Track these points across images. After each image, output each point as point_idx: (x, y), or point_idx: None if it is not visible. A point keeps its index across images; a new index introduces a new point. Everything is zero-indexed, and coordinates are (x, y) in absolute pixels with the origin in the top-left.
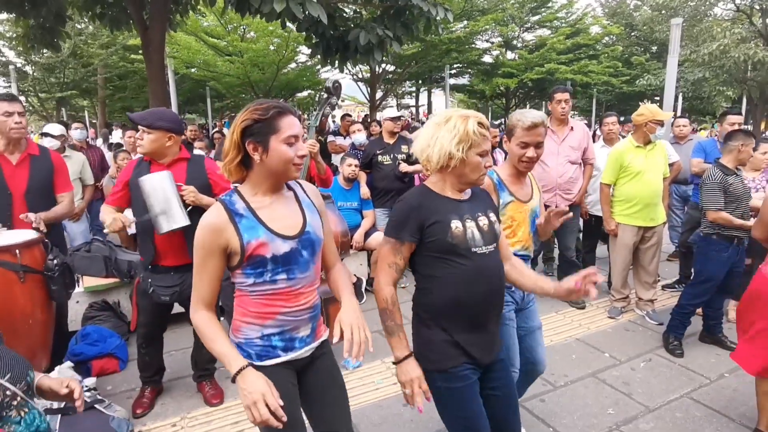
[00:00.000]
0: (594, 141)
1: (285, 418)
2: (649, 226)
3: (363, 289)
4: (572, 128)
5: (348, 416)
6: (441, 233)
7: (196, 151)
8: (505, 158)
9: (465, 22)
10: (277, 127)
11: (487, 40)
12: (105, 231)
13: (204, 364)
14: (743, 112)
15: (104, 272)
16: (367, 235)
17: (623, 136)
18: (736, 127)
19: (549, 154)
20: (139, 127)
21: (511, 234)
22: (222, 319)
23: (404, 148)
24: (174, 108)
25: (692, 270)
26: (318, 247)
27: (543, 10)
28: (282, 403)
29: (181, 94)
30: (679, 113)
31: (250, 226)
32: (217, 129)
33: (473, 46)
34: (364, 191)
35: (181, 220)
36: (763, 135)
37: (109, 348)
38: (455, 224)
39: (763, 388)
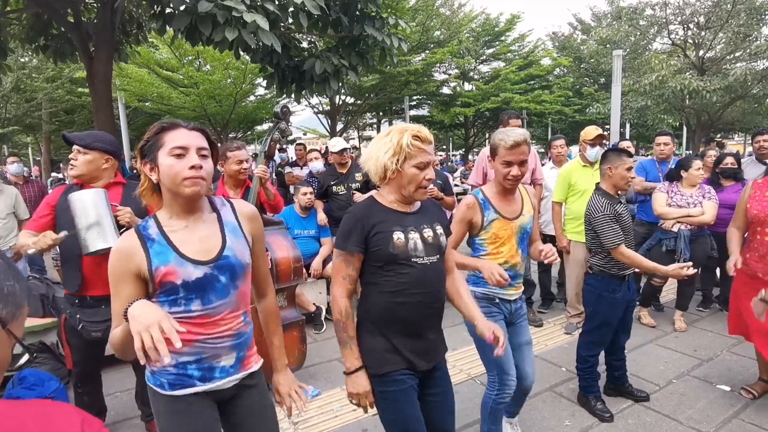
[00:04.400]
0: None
1: (179, 344)
2: None
3: (323, 318)
4: None
5: None
6: (383, 243)
7: None
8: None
9: (422, 54)
10: (162, 141)
11: (444, 72)
12: (30, 252)
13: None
14: (684, 138)
15: (41, 311)
16: (325, 262)
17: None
18: (662, 146)
19: None
20: (74, 147)
21: (495, 251)
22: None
23: (358, 176)
24: (125, 142)
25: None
26: (240, 271)
27: (497, 43)
28: (184, 330)
29: (135, 128)
30: (627, 137)
31: (160, 251)
32: None
33: (431, 77)
34: (321, 218)
35: (114, 239)
36: (698, 153)
37: (48, 392)
38: (397, 235)
39: None
